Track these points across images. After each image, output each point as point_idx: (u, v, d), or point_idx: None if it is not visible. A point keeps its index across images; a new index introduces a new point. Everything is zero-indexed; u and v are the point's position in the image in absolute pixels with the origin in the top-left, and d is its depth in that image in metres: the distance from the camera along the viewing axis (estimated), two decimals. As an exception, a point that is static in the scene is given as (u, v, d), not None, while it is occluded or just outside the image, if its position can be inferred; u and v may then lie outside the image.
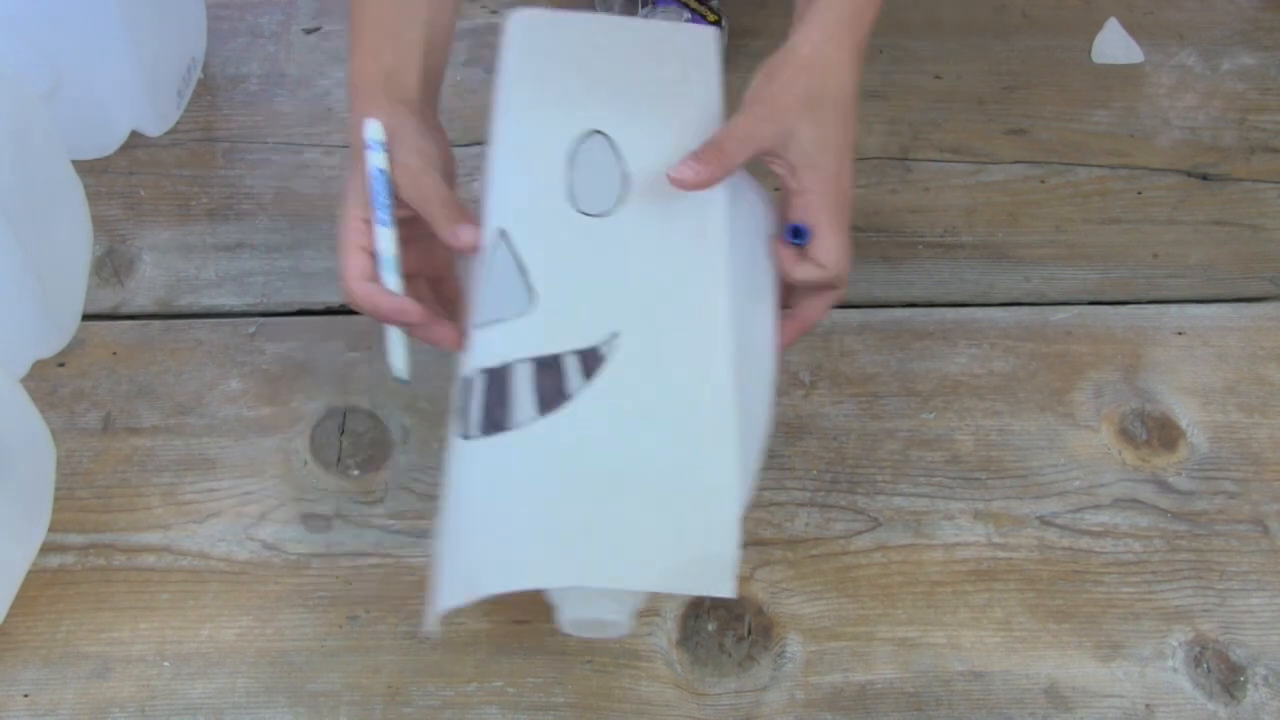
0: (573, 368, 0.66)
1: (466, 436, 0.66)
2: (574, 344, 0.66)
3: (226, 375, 0.87)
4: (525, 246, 0.69)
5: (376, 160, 0.68)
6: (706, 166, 0.68)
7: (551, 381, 0.65)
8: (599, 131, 0.72)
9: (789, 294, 0.74)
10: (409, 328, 0.71)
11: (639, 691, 0.74)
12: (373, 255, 0.69)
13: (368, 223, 0.69)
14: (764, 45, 0.78)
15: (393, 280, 0.69)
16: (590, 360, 0.66)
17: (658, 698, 0.74)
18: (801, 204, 0.70)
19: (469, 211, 0.70)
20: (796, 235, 0.70)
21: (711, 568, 0.63)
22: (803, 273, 0.71)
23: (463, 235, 0.68)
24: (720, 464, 0.65)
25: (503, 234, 0.69)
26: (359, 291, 0.69)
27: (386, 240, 0.69)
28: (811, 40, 0.70)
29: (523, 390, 0.65)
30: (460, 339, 0.70)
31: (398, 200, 0.69)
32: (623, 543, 0.63)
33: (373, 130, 0.69)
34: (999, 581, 0.79)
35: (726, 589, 0.62)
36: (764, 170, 0.71)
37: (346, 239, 0.69)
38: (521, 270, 0.68)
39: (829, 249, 0.70)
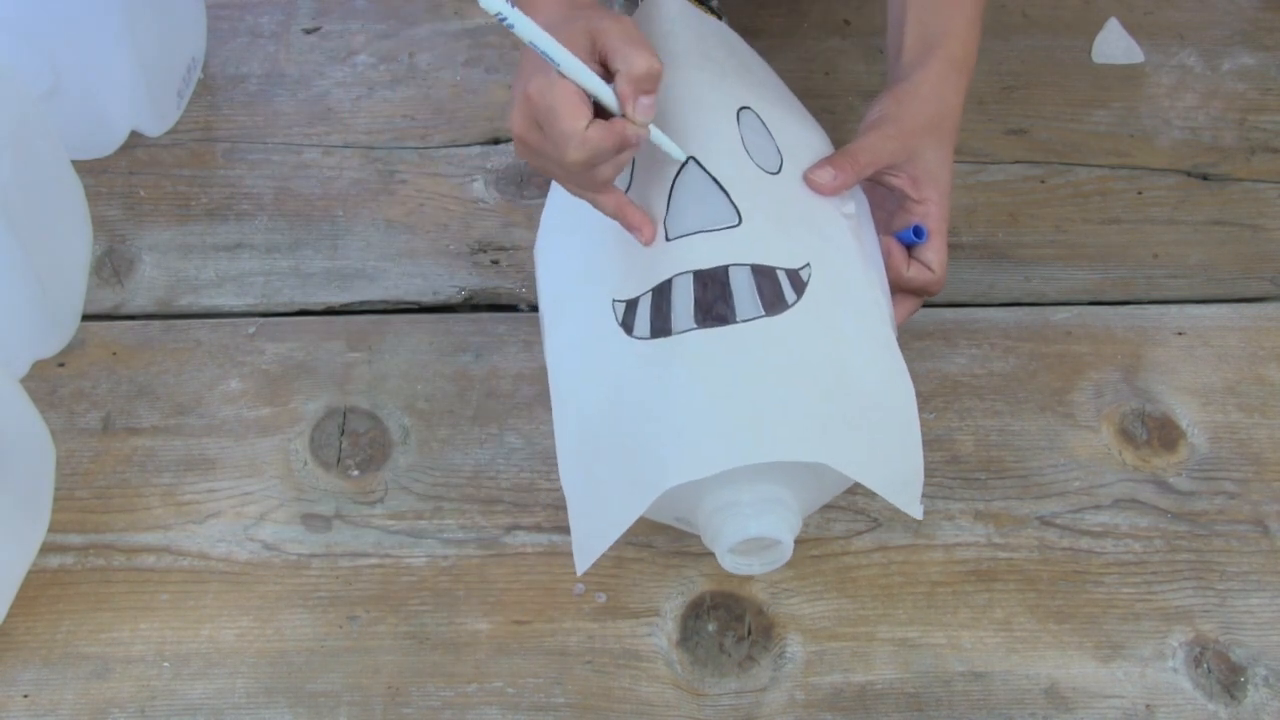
0: (785, 282, 0.70)
1: (667, 333, 0.69)
2: (783, 263, 0.70)
3: (226, 375, 0.87)
4: (719, 173, 0.73)
5: (518, 17, 0.63)
6: (842, 173, 0.75)
7: (772, 288, 0.69)
8: (748, 107, 0.77)
9: None
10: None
11: (639, 692, 0.74)
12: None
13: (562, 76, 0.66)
14: (764, 45, 0.78)
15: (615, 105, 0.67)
16: (796, 280, 0.70)
17: (658, 698, 0.74)
18: (922, 211, 0.78)
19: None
20: (917, 234, 0.77)
21: (906, 488, 0.69)
22: (913, 272, 0.78)
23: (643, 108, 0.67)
24: (906, 396, 0.71)
25: (694, 160, 0.73)
26: (597, 133, 0.65)
27: (591, 76, 0.65)
28: (930, 81, 0.79)
29: (744, 291, 0.69)
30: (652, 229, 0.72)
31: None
32: (841, 432, 0.67)
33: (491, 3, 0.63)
34: (999, 582, 0.79)
35: (918, 510, 0.69)
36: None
37: (567, 95, 0.65)
38: (724, 191, 0.72)
39: (939, 253, 0.78)
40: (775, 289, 0.69)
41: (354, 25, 1.08)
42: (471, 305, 0.92)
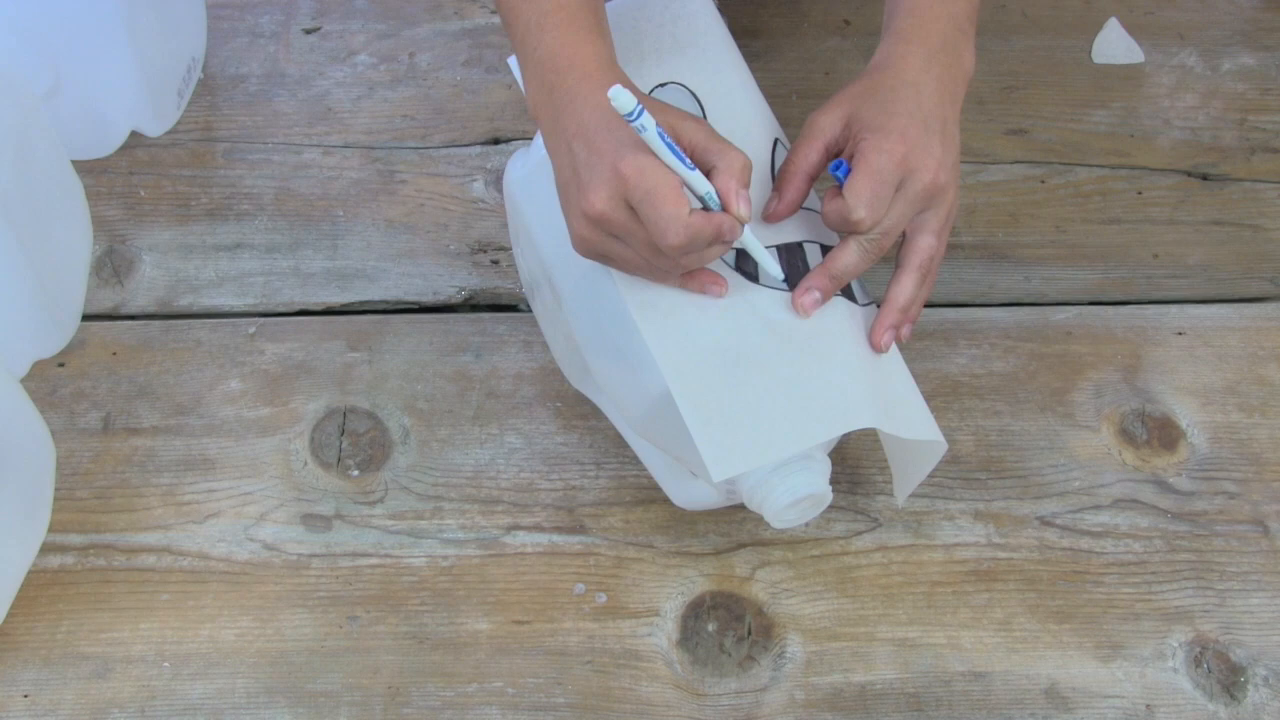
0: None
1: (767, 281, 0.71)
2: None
3: (226, 375, 0.87)
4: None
5: (649, 121, 0.63)
6: (785, 202, 0.71)
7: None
8: (676, 82, 0.75)
9: None
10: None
11: (639, 692, 0.74)
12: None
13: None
14: (764, 45, 0.78)
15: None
16: None
17: (658, 698, 0.74)
18: (861, 144, 0.71)
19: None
20: (836, 168, 0.71)
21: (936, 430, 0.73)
22: (830, 207, 0.71)
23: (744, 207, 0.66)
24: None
25: (779, 143, 0.75)
26: (700, 220, 0.64)
27: (705, 181, 0.65)
28: (893, 65, 0.72)
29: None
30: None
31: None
32: (907, 394, 0.72)
33: (624, 97, 0.61)
34: (999, 582, 0.79)
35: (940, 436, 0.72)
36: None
37: (670, 178, 0.64)
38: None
39: (856, 189, 0.69)
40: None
41: (354, 25, 1.08)
42: (471, 305, 0.92)
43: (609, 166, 0.64)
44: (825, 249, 0.72)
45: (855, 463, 0.83)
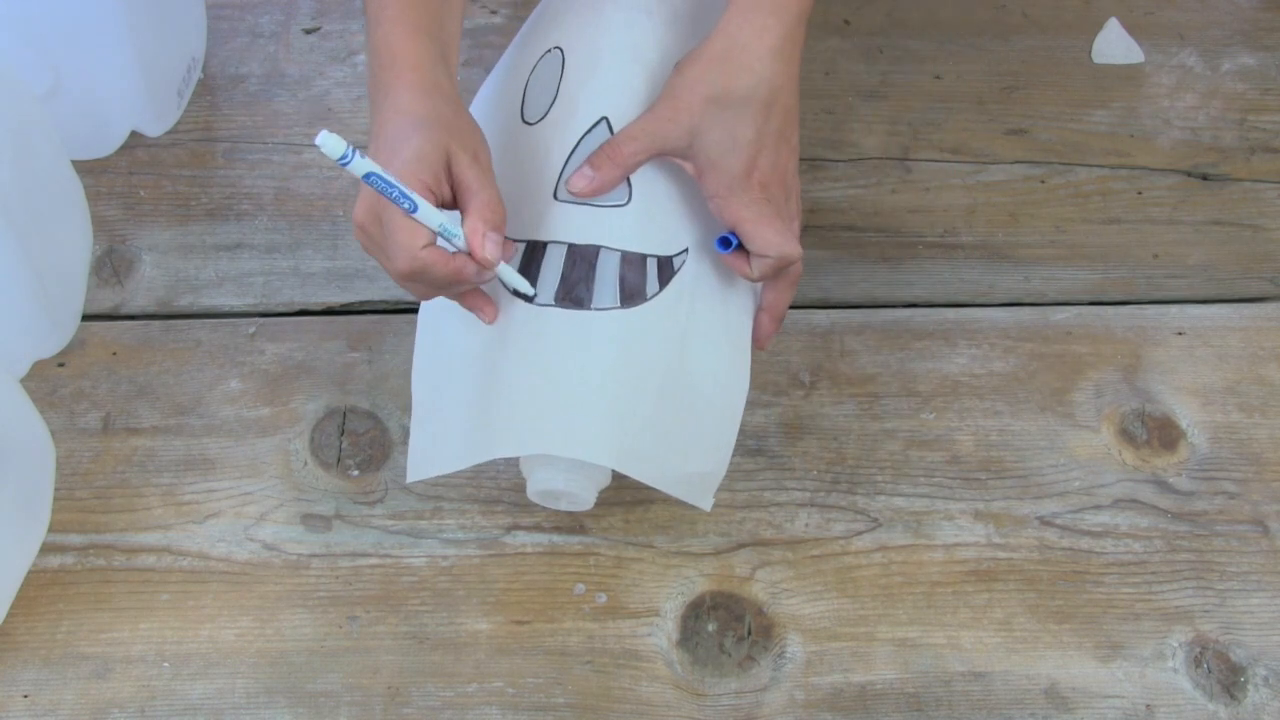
0: (652, 271, 0.71)
1: (530, 299, 0.70)
2: (657, 250, 0.71)
3: (226, 375, 0.87)
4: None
5: (361, 166, 0.62)
6: (599, 173, 0.70)
7: (636, 278, 0.70)
8: (557, 47, 0.75)
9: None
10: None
11: (639, 692, 0.74)
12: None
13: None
14: (764, 45, 0.78)
15: (461, 243, 0.65)
16: (665, 269, 0.71)
17: (658, 698, 0.74)
18: (716, 209, 0.71)
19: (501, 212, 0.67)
20: (725, 245, 0.72)
21: (704, 483, 0.73)
22: (757, 269, 0.72)
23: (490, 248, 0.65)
24: (737, 395, 0.74)
25: (605, 121, 0.72)
26: (432, 256, 0.64)
27: (433, 216, 0.64)
28: (729, 32, 0.68)
29: (608, 277, 0.70)
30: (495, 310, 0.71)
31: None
32: (658, 442, 0.70)
33: (330, 143, 0.60)
34: (999, 582, 0.79)
35: (707, 503, 0.73)
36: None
37: (407, 219, 0.64)
38: None
39: (761, 241, 0.70)
40: (639, 279, 0.70)
41: (354, 25, 1.08)
42: (471, 305, 0.92)
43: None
44: (628, 256, 0.70)
45: (855, 463, 0.83)
